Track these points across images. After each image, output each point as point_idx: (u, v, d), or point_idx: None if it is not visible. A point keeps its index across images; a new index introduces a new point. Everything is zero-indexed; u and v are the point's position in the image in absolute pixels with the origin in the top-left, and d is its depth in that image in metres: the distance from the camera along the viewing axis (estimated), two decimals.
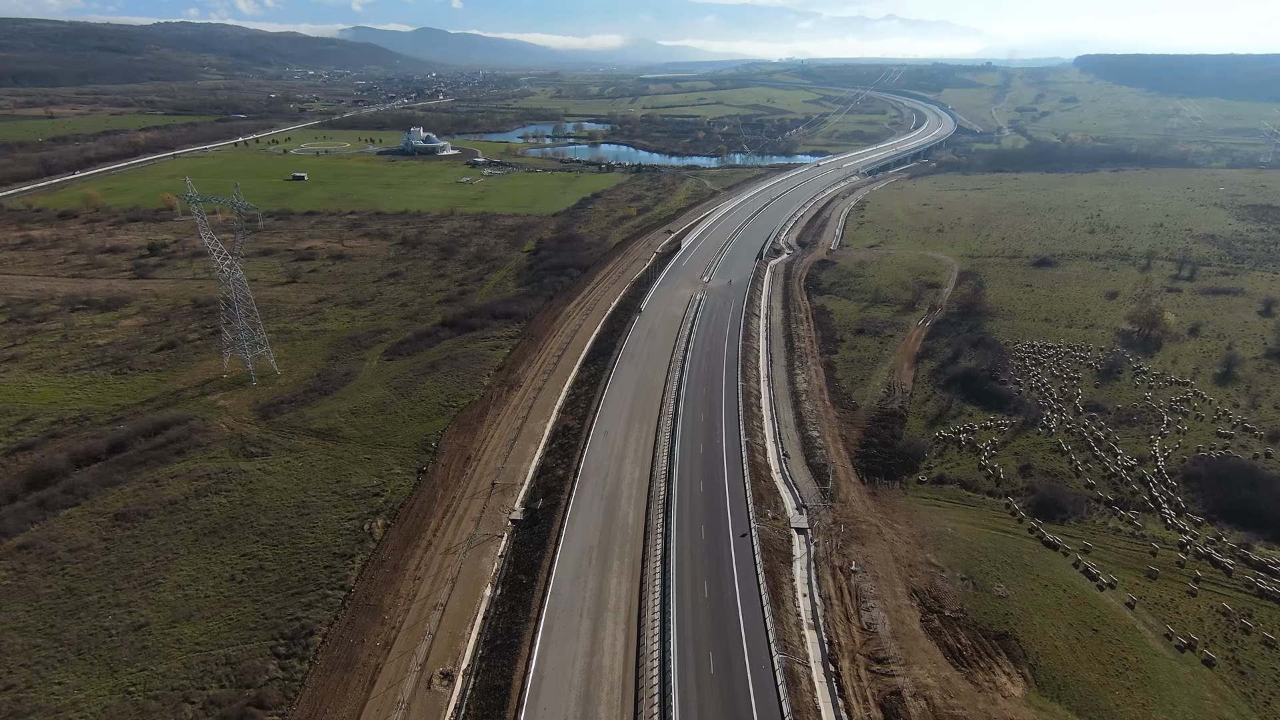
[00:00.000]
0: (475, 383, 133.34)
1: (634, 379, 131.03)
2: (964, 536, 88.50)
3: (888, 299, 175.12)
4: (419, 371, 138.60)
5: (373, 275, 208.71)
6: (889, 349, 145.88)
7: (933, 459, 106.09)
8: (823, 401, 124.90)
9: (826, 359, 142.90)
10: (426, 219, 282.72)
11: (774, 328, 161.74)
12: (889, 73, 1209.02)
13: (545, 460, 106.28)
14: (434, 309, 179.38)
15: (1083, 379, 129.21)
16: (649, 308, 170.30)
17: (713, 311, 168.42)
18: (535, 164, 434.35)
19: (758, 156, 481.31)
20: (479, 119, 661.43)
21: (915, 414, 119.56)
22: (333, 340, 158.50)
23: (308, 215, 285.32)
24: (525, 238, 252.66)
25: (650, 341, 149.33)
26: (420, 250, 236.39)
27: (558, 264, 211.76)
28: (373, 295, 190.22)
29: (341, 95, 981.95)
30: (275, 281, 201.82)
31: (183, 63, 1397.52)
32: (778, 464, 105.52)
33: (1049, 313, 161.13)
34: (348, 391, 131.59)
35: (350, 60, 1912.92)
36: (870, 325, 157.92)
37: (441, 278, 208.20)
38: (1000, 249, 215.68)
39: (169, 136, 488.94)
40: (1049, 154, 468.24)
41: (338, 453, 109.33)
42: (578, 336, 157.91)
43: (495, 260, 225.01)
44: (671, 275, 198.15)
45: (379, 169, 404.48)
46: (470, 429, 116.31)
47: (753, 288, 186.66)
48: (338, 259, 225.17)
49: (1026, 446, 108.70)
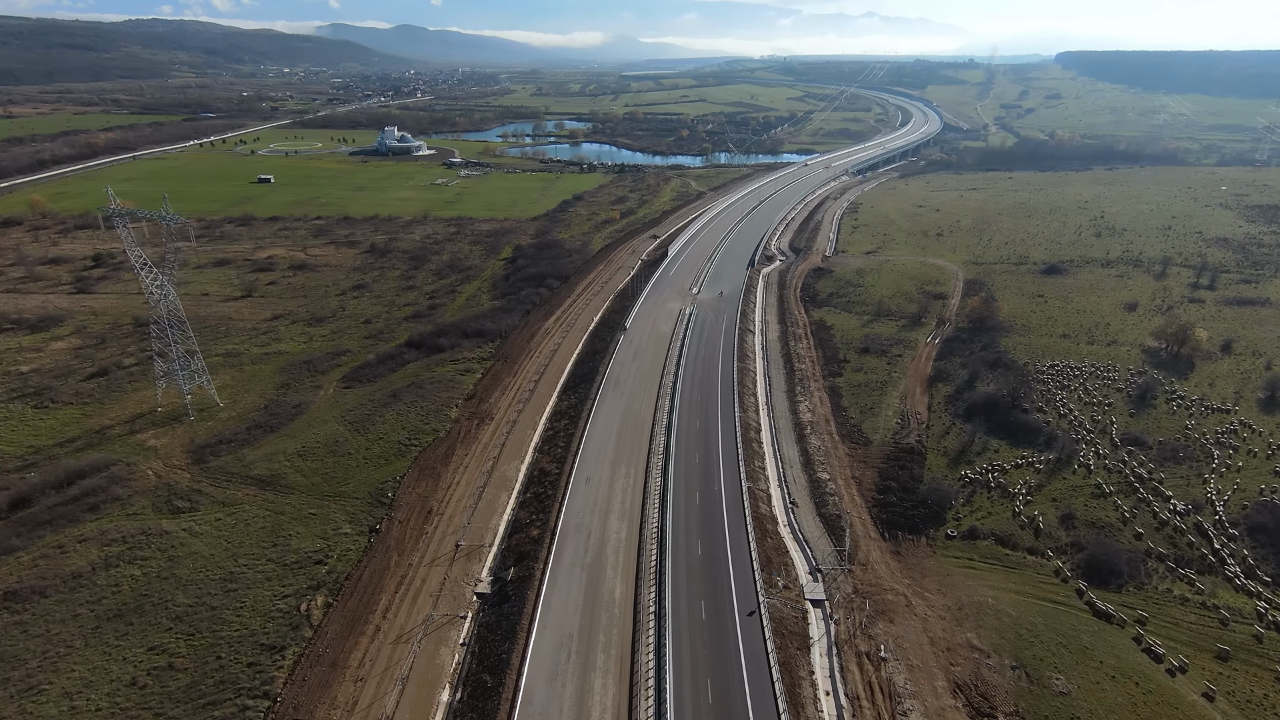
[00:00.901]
0: (441, 415, 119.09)
1: (619, 410, 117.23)
2: (1008, 609, 75.63)
3: (891, 312, 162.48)
4: (379, 402, 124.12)
5: (336, 288, 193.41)
6: (898, 371, 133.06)
7: (960, 506, 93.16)
8: (830, 435, 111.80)
9: (830, 383, 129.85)
10: (398, 224, 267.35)
11: (771, 346, 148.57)
12: (872, 70, 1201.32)
13: (518, 514, 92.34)
14: (400, 326, 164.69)
15: (1115, 406, 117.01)
16: (635, 324, 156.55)
17: (704, 328, 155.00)
18: (514, 164, 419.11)
19: (743, 155, 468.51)
20: (457, 117, 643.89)
21: (934, 450, 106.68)
22: (286, 364, 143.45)
23: (271, 221, 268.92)
24: (502, 244, 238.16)
25: (637, 364, 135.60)
26: (389, 259, 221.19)
27: (536, 274, 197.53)
28: (334, 311, 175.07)
29: (316, 93, 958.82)
30: (228, 295, 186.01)
31: (153, 61, 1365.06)
32: (785, 515, 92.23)
33: (1066, 327, 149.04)
34: (297, 427, 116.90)
35: (327, 58, 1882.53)
36: (875, 343, 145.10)
37: (410, 290, 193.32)
38: (1005, 255, 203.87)
39: (132, 137, 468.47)
40: (1039, 152, 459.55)
41: (278, 506, 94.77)
42: (557, 358, 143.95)
43: (469, 270, 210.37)
44: (658, 286, 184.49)
45: (350, 170, 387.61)
46: (433, 474, 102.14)
47: (745, 300, 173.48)
48: (299, 269, 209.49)
49: (1064, 490, 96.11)
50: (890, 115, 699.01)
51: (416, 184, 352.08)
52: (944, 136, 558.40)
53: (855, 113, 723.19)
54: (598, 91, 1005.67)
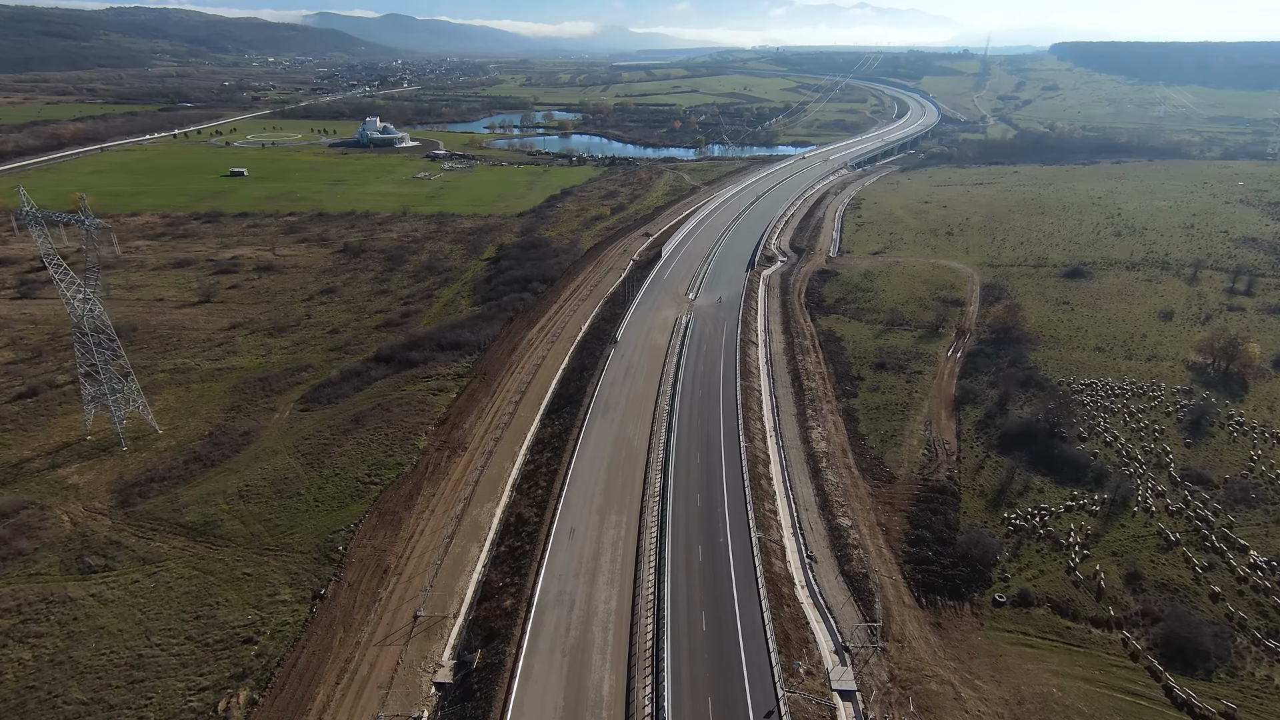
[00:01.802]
0: (408, 445, 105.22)
1: (609, 440, 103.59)
2: (1078, 704, 62.64)
3: (905, 320, 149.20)
4: (339, 428, 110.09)
5: (303, 292, 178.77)
6: (919, 390, 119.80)
7: (1006, 562, 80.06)
8: (848, 469, 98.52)
9: (845, 404, 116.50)
10: (375, 221, 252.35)
11: (776, 360, 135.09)
12: (866, 60, 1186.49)
13: (490, 575, 78.69)
14: (370, 337, 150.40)
15: (1167, 433, 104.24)
16: (626, 335, 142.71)
17: (702, 339, 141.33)
18: (501, 156, 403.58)
19: (737, 148, 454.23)
20: (443, 108, 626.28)
21: (969, 488, 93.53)
22: (239, 382, 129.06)
23: (240, 217, 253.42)
24: (485, 243, 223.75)
25: (629, 383, 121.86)
26: (363, 260, 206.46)
27: (520, 276, 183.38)
28: (299, 319, 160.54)
29: (300, 83, 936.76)
30: (185, 301, 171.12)
31: (133, 49, 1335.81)
32: (802, 574, 78.96)
33: (1099, 339, 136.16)
34: (243, 460, 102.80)
35: (313, 47, 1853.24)
36: (891, 357, 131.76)
37: (384, 294, 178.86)
38: (1021, 256, 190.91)
39: (103, 128, 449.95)
40: (1041, 144, 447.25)
41: (209, 563, 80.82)
42: (540, 374, 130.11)
43: (448, 272, 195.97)
44: (651, 291, 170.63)
45: (329, 163, 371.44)
46: (394, 520, 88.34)
47: (746, 306, 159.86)
48: (265, 271, 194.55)
49: (1125, 541, 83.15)
50: (886, 106, 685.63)
51: (398, 177, 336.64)
52: (942, 128, 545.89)
53: (851, 104, 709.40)
54: (588, 82, 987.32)
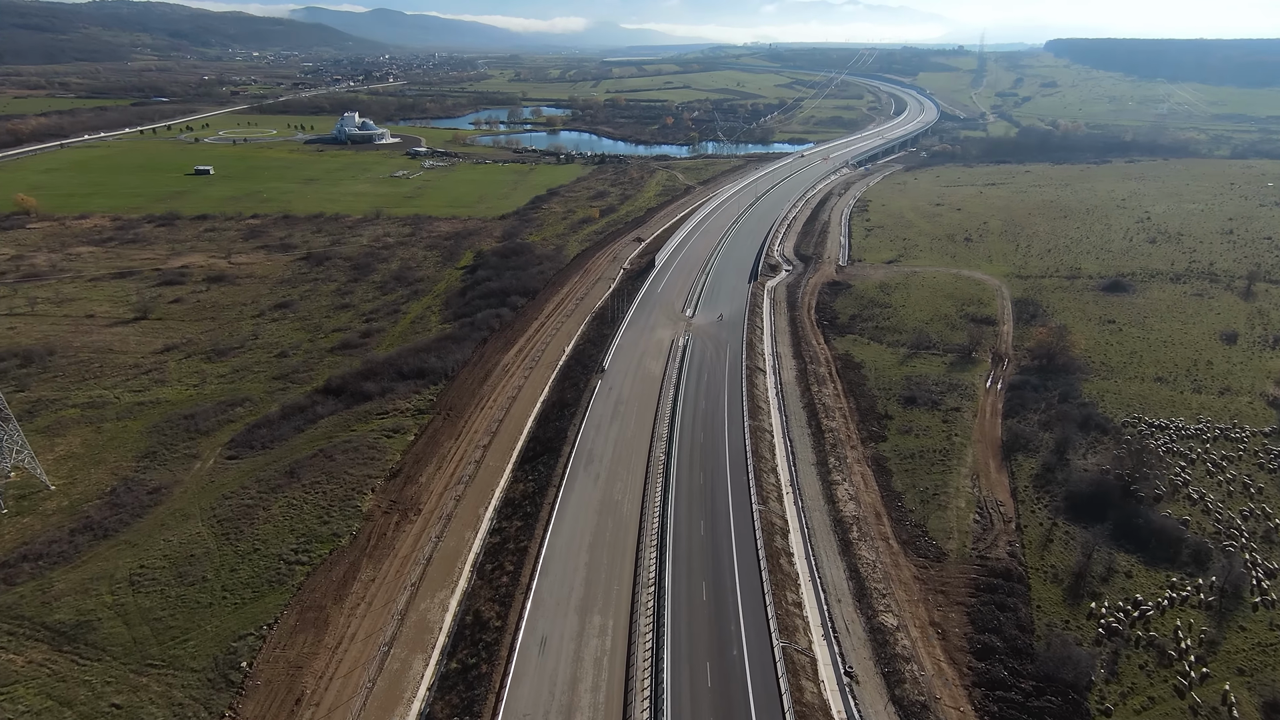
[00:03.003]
0: (349, 506, 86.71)
1: (593, 505, 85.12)
2: None
3: (932, 343, 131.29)
4: (269, 483, 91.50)
5: (254, 307, 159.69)
6: (959, 432, 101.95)
7: (1104, 684, 62.26)
8: (885, 541, 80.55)
9: (872, 450, 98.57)
10: (345, 224, 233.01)
11: (788, 391, 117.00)
12: (861, 56, 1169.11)
13: (435, 707, 60.22)
14: (322, 362, 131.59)
15: (1266, 493, 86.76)
16: (615, 362, 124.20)
17: (702, 366, 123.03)
18: (485, 154, 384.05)
19: (732, 145, 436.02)
20: (427, 103, 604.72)
21: (1037, 569, 75.65)
22: (162, 420, 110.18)
23: (198, 220, 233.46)
24: (462, 249, 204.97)
25: (617, 425, 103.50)
26: (326, 268, 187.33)
27: (498, 289, 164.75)
28: (244, 340, 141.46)
29: (283, 78, 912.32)
30: (118, 318, 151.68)
31: (113, 43, 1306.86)
32: (841, 702, 60.91)
33: (1158, 367, 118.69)
34: (145, 528, 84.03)
35: (299, 42, 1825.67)
36: (921, 388, 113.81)
37: (344, 309, 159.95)
38: (1051, 266, 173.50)
39: (68, 123, 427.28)
40: (1048, 142, 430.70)
41: (69, 688, 62.11)
42: (516, 409, 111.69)
43: (419, 283, 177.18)
44: (644, 307, 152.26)
45: (303, 161, 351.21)
46: (319, 618, 69.89)
47: (750, 325, 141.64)
48: (215, 282, 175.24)
49: (1249, 650, 65.51)
50: (883, 103, 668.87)
51: (374, 176, 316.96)
52: (942, 125, 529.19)
53: (847, 100, 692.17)
54: (578, 77, 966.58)
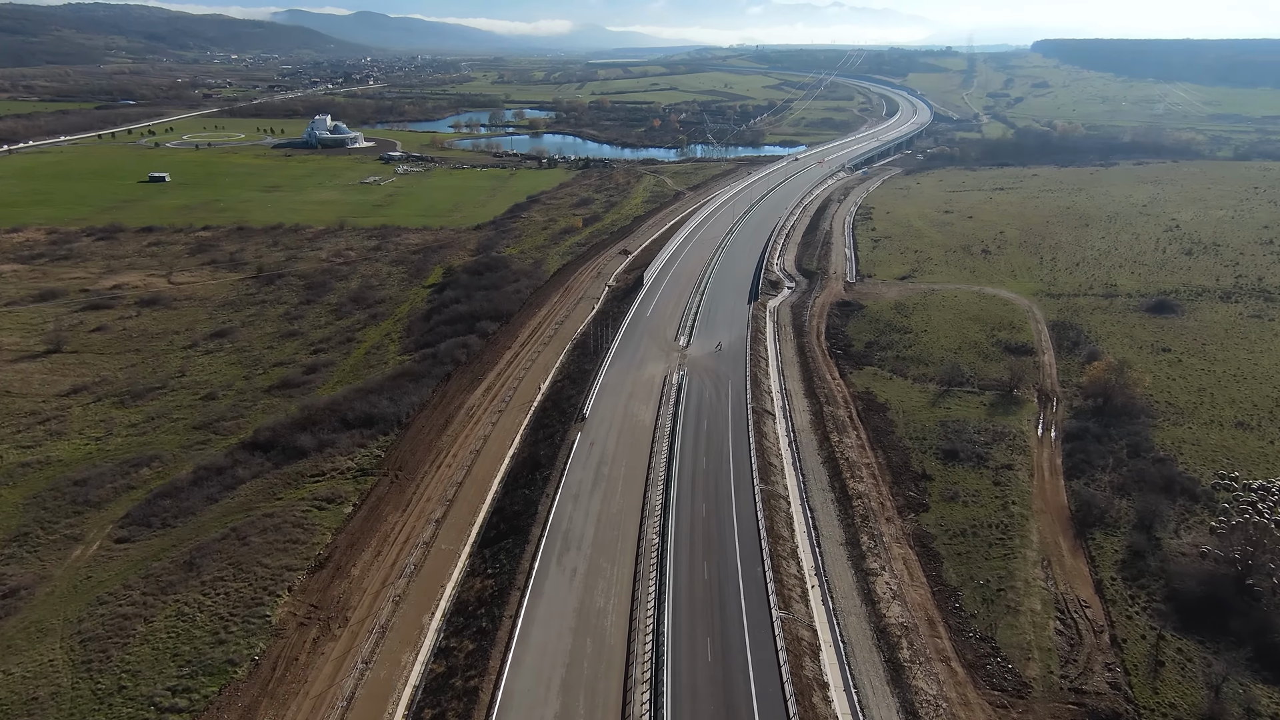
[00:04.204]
0: (256, 615, 67.72)
1: (567, 620, 65.70)
2: None
3: (965, 377, 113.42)
4: (161, 579, 72.43)
5: (187, 336, 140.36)
6: (1015, 497, 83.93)
7: None
8: (945, 664, 62.40)
9: (913, 524, 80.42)
10: (304, 236, 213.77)
11: (803, 441, 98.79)
12: (849, 58, 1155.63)
13: None
14: (255, 406, 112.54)
15: None
16: (598, 407, 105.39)
17: (701, 411, 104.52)
18: (463, 158, 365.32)
19: (722, 148, 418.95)
20: (406, 105, 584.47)
21: (1151, 709, 57.65)
22: (47, 486, 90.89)
23: (143, 233, 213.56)
24: (431, 264, 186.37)
25: (600, 496, 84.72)
26: (277, 288, 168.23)
27: (468, 312, 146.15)
28: (167, 378, 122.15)
29: (260, 80, 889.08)
30: (26, 351, 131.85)
31: (87, 45, 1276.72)
32: None
33: (1236, 408, 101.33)
34: None
35: (280, 45, 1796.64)
36: (961, 437, 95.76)
37: (291, 338, 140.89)
38: (1083, 282, 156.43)
39: (22, 127, 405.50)
40: (1049, 144, 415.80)
41: None
42: (478, 471, 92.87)
43: (380, 305, 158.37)
44: (632, 334, 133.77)
45: (269, 166, 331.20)
46: None
47: (754, 355, 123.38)
48: (149, 305, 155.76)
49: None
50: (874, 104, 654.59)
51: (343, 182, 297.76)
52: (936, 127, 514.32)
53: (837, 101, 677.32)
54: (562, 79, 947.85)
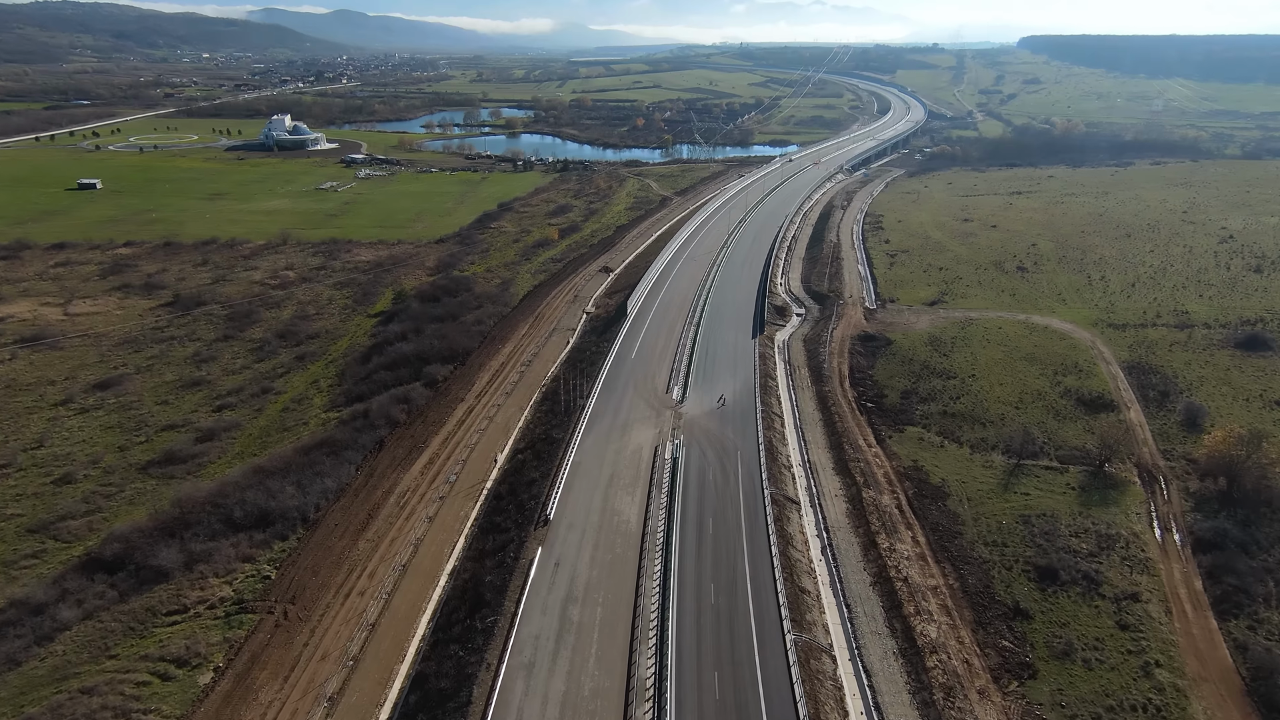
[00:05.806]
0: None
1: None
2: None
3: (1037, 445, 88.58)
4: None
5: (63, 388, 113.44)
6: (1154, 649, 59.33)
7: None
8: None
9: (1021, 708, 55.51)
10: (240, 253, 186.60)
11: (841, 547, 73.84)
12: (836, 55, 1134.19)
13: None
14: (123, 492, 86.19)
15: None
16: (567, 501, 79.27)
17: (704, 504, 78.98)
18: (433, 160, 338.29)
19: (709, 149, 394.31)
20: (377, 104, 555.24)
21: None
22: None
23: (53, 250, 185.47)
24: (382, 287, 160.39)
25: (564, 661, 58.51)
26: (194, 319, 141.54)
27: (414, 353, 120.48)
28: (21, 449, 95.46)
29: (228, 79, 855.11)
30: None
31: (50, 44, 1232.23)
32: None
33: None
34: None
35: (254, 43, 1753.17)
36: (1056, 544, 70.91)
37: (195, 388, 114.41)
38: (1147, 309, 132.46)
39: None
40: (1052, 143, 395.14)
41: None
42: (398, 604, 67.09)
43: (313, 341, 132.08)
44: (613, 384, 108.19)
45: (217, 171, 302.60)
46: None
47: (766, 413, 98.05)
48: (30, 344, 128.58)
49: None
50: (865, 101, 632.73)
51: (297, 188, 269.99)
52: (930, 125, 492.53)
53: (827, 99, 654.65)
54: (543, 77, 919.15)
